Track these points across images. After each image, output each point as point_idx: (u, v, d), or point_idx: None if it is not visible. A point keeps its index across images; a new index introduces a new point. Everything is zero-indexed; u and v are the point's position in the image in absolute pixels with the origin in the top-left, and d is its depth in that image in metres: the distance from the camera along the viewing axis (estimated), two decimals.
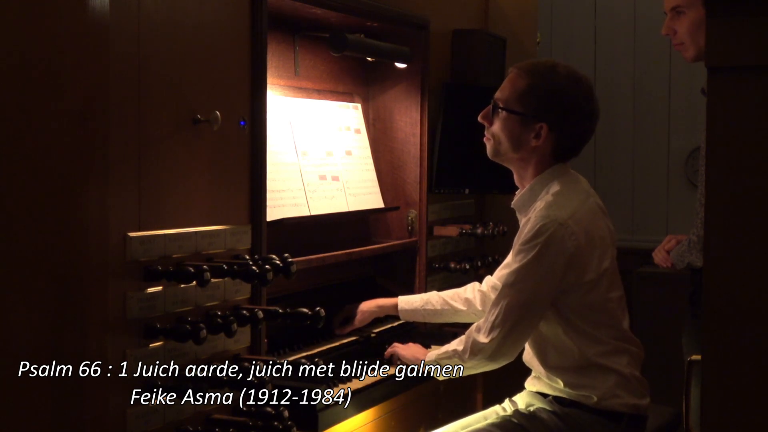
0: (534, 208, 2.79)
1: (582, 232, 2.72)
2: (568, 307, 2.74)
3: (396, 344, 3.10)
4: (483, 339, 2.74)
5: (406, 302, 3.25)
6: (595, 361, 2.75)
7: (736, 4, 1.61)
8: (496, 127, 2.86)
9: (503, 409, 2.98)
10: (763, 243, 1.62)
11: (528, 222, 2.76)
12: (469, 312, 3.20)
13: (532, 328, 2.75)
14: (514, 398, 2.98)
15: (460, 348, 2.80)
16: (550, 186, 2.81)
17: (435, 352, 2.92)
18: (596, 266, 2.74)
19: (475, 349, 2.76)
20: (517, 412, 2.87)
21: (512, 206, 2.90)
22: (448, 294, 3.24)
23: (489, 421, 2.88)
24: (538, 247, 2.68)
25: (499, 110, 2.85)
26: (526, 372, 2.94)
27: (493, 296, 2.94)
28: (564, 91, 2.80)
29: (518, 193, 2.89)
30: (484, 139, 2.92)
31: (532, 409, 2.84)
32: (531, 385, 2.90)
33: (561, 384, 2.79)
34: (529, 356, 2.89)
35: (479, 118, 2.91)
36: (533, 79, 2.81)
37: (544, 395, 2.84)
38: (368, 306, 3.22)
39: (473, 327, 2.82)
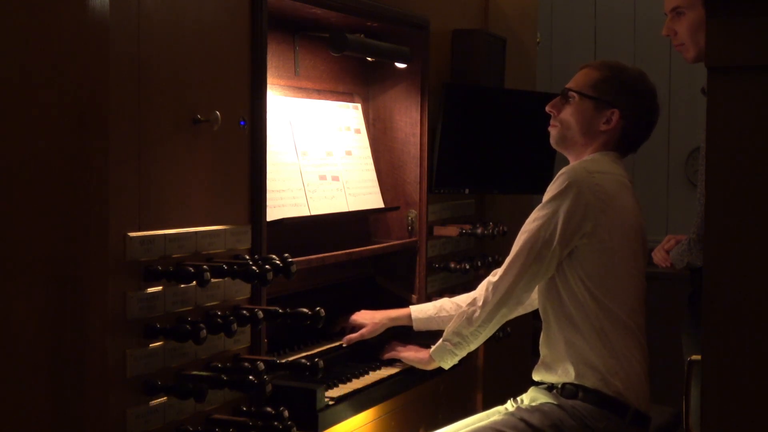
0: None
1: (606, 188, 2.81)
2: (585, 270, 2.79)
3: (394, 345, 3.10)
4: (495, 278, 2.84)
5: (420, 311, 3.23)
6: (607, 334, 2.76)
7: (736, 5, 1.61)
8: (567, 112, 2.98)
9: (506, 409, 2.98)
10: (763, 243, 1.62)
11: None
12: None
13: (546, 269, 2.81)
14: (519, 398, 2.98)
15: (475, 297, 2.88)
16: (594, 155, 2.94)
17: (443, 335, 2.93)
18: (616, 228, 2.80)
19: (488, 292, 2.84)
20: (519, 408, 2.87)
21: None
22: (461, 298, 3.23)
23: (491, 419, 2.88)
24: (563, 185, 2.79)
25: (572, 95, 2.97)
26: (529, 371, 2.93)
27: None
28: (636, 83, 2.97)
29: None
30: (550, 127, 3.03)
31: (535, 403, 2.84)
32: (537, 374, 2.90)
33: (570, 363, 2.78)
34: (543, 335, 2.89)
35: (547, 109, 3.02)
36: (606, 70, 2.98)
37: (549, 389, 2.84)
38: (380, 319, 3.19)
39: (490, 274, 2.91)
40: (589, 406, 2.75)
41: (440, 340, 2.94)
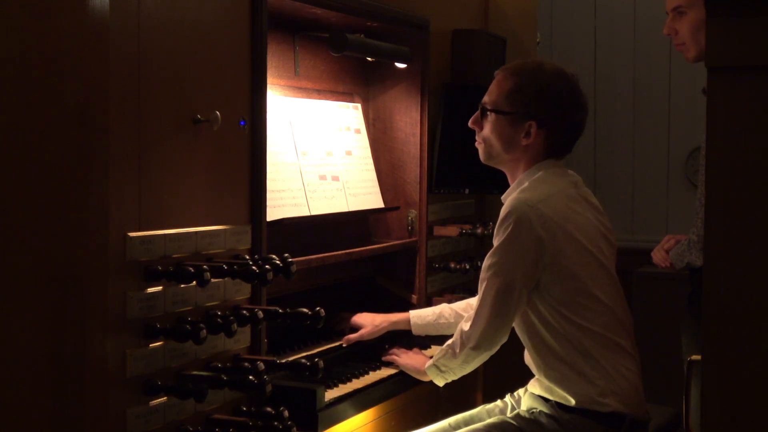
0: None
1: (554, 215, 2.73)
2: (554, 296, 2.74)
3: (395, 351, 3.10)
4: (466, 327, 2.80)
5: (418, 317, 3.23)
6: (589, 352, 2.73)
7: (736, 4, 1.61)
8: (487, 130, 2.90)
9: (506, 404, 2.98)
10: (763, 243, 1.62)
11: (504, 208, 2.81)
12: None
13: (514, 311, 2.76)
14: (516, 393, 2.98)
15: (452, 342, 2.85)
16: (534, 176, 2.85)
17: (433, 357, 2.93)
18: (576, 250, 2.74)
19: (462, 339, 2.81)
20: (518, 415, 2.86)
21: (501, 199, 2.94)
22: (460, 305, 3.23)
23: (488, 422, 2.87)
24: (510, 227, 2.72)
25: (488, 113, 2.88)
26: (526, 369, 2.93)
27: None
28: (550, 87, 2.83)
29: (508, 190, 2.94)
30: (476, 144, 2.96)
31: (534, 412, 2.84)
32: (533, 387, 2.90)
33: (559, 387, 2.78)
34: (528, 358, 2.89)
35: (470, 124, 2.96)
36: (519, 78, 2.86)
37: (546, 399, 2.83)
38: (380, 321, 3.19)
39: (463, 319, 2.87)
40: (585, 421, 2.74)
41: (432, 361, 2.93)
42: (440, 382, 2.95)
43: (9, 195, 2.18)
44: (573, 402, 2.75)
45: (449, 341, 2.88)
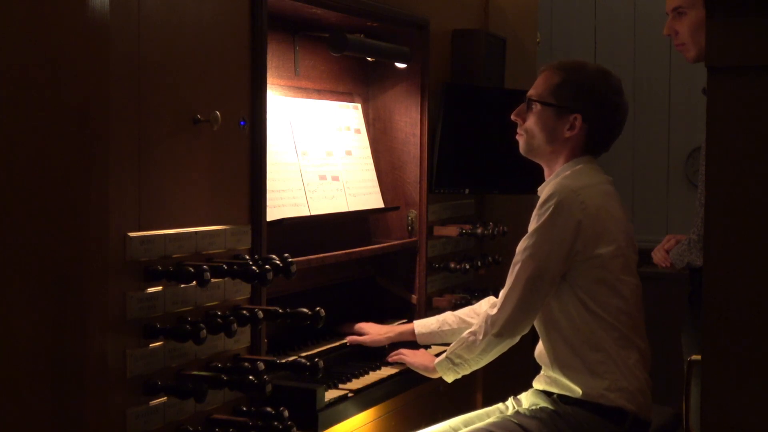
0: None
1: (593, 204, 2.79)
2: (579, 285, 2.77)
3: (402, 350, 3.09)
4: (494, 311, 2.81)
5: (423, 326, 3.24)
6: (604, 346, 2.75)
7: (736, 4, 1.61)
8: (530, 122, 2.95)
9: (506, 407, 2.98)
10: (763, 243, 1.62)
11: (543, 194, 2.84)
12: None
13: (544, 297, 2.78)
14: (519, 397, 2.98)
15: (475, 329, 2.85)
16: (574, 168, 2.90)
17: (447, 350, 2.92)
18: (609, 241, 2.79)
19: (487, 325, 2.81)
20: (518, 413, 2.87)
21: (538, 192, 2.95)
22: (464, 312, 3.24)
23: (488, 420, 2.88)
24: (550, 210, 2.76)
25: (533, 104, 2.94)
26: (529, 371, 2.93)
27: None
28: (596, 84, 2.92)
29: (545, 182, 2.96)
30: (517, 136, 3.00)
31: (534, 408, 2.84)
32: (537, 383, 2.90)
33: (567, 378, 2.78)
34: (539, 350, 2.89)
35: (512, 116, 3.00)
36: (566, 73, 2.93)
37: (548, 393, 2.83)
38: (385, 331, 3.20)
39: (489, 305, 2.89)
40: (587, 414, 2.75)
41: (444, 355, 2.93)
42: (450, 378, 2.95)
43: (9, 195, 2.18)
44: (579, 393, 2.76)
45: (470, 329, 2.88)
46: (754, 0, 1.59)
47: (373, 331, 3.17)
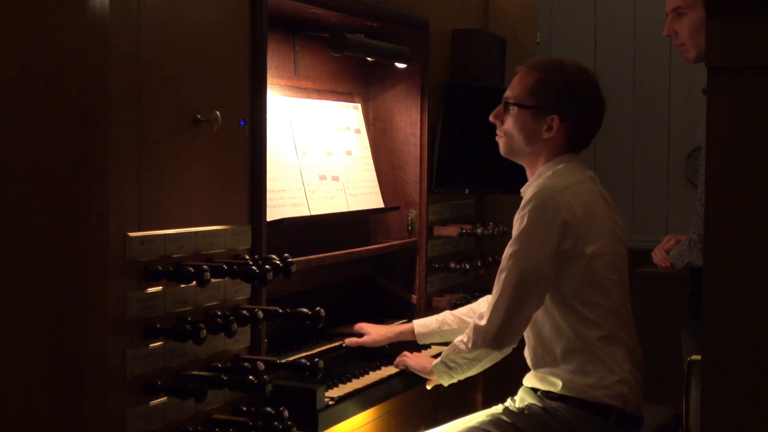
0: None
1: (578, 203, 2.75)
2: (564, 286, 2.74)
3: (405, 353, 3.09)
4: (482, 322, 2.75)
5: (422, 326, 3.22)
6: (589, 346, 2.74)
7: (736, 4, 1.61)
8: (508, 124, 2.92)
9: (505, 408, 2.98)
10: (763, 243, 1.62)
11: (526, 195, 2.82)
12: None
13: (535, 304, 2.74)
14: (516, 396, 2.98)
15: (465, 339, 2.81)
16: (556, 167, 2.87)
17: (442, 354, 2.92)
18: (593, 240, 2.75)
19: (476, 336, 2.76)
20: (507, 410, 2.87)
21: (520, 192, 2.92)
22: (463, 311, 3.23)
23: (481, 419, 2.88)
24: (533, 211, 2.72)
25: (511, 107, 2.90)
26: (526, 369, 2.93)
27: None
28: (573, 82, 2.88)
29: (528, 182, 2.94)
30: (497, 137, 2.98)
31: (523, 405, 2.85)
32: (527, 380, 2.90)
33: (554, 376, 2.78)
34: (526, 351, 2.89)
35: (491, 118, 2.97)
36: (542, 73, 2.89)
37: (534, 390, 2.84)
38: (385, 331, 3.19)
39: (477, 315, 2.85)
40: (572, 409, 2.75)
41: (440, 358, 2.92)
42: (446, 382, 2.94)
43: (9, 195, 2.18)
44: (559, 387, 2.76)
45: (460, 336, 2.84)
46: (754, 0, 1.59)
47: (372, 331, 3.17)
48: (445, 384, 2.96)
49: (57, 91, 2.14)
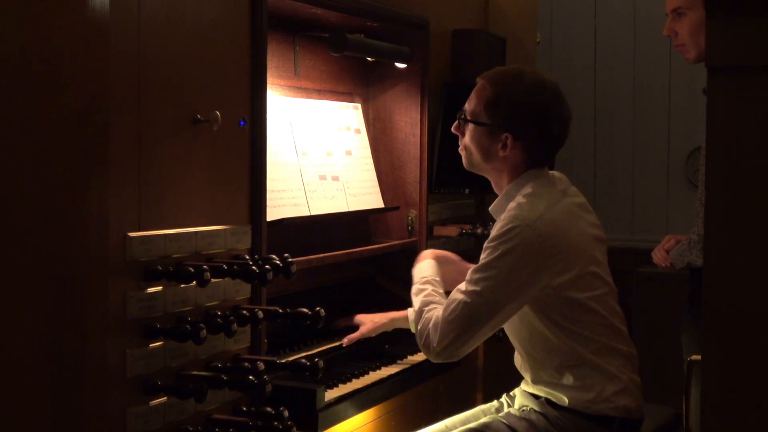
0: (507, 209, 2.76)
1: (552, 233, 2.67)
2: (549, 307, 2.70)
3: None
4: (434, 338, 2.66)
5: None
6: (585, 360, 2.72)
7: (736, 4, 1.61)
8: (467, 138, 2.86)
9: (501, 404, 2.98)
10: (763, 243, 1.62)
11: (499, 222, 2.74)
12: None
13: (486, 333, 2.69)
14: (513, 393, 2.98)
15: (432, 324, 2.70)
16: (523, 188, 2.78)
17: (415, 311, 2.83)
18: (570, 267, 2.69)
19: (426, 342, 2.69)
20: (509, 414, 2.86)
21: (489, 211, 2.89)
22: None
23: (481, 421, 2.87)
24: (504, 246, 2.64)
25: (467, 122, 2.85)
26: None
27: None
28: (527, 99, 2.77)
29: (496, 201, 2.88)
30: (459, 150, 2.92)
31: (524, 410, 2.84)
32: (525, 385, 2.90)
33: (552, 390, 2.78)
34: (519, 362, 2.88)
35: (452, 130, 2.92)
36: (497, 88, 2.80)
37: (536, 396, 2.83)
38: (380, 319, 3.17)
39: (434, 316, 2.70)
40: (574, 417, 2.74)
41: (414, 311, 2.82)
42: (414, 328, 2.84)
43: (9, 195, 2.18)
44: (566, 402, 2.75)
45: (434, 315, 2.71)
46: (754, 0, 1.59)
47: (367, 320, 3.15)
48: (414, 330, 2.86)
49: (57, 91, 2.14)
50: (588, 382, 2.72)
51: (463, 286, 2.68)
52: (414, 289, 2.89)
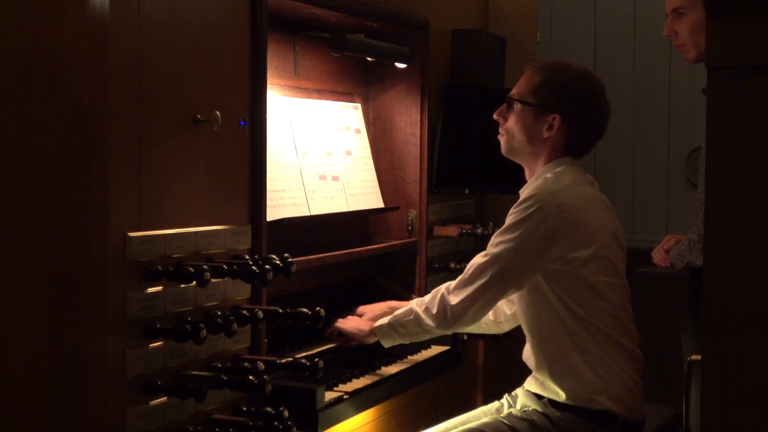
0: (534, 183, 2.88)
1: (571, 205, 2.77)
2: (562, 288, 2.76)
3: (339, 320, 3.09)
4: (454, 300, 2.79)
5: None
6: (589, 349, 2.74)
7: (736, 4, 1.61)
8: (511, 121, 2.95)
9: (501, 404, 2.98)
10: (763, 243, 1.62)
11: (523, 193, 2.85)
12: (495, 322, 3.17)
13: (500, 297, 2.82)
14: (514, 393, 2.98)
15: (432, 309, 2.83)
16: (555, 169, 2.88)
17: (389, 317, 2.93)
18: (587, 243, 2.76)
19: (441, 308, 2.80)
20: (510, 414, 2.87)
21: (519, 193, 2.93)
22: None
23: (482, 421, 2.87)
24: (528, 211, 2.75)
25: (514, 104, 2.93)
26: (526, 369, 2.93)
27: (514, 301, 2.94)
28: (577, 85, 2.90)
29: (527, 183, 2.95)
30: (498, 136, 3.00)
31: (526, 410, 2.84)
32: (529, 384, 2.90)
33: (555, 382, 2.78)
34: (527, 352, 2.89)
35: (495, 116, 3.00)
36: (547, 73, 2.92)
37: (539, 396, 2.83)
38: (380, 307, 3.17)
39: (444, 286, 2.85)
40: (576, 418, 2.75)
41: (387, 321, 2.92)
42: (387, 344, 2.95)
43: (9, 195, 2.18)
44: (563, 397, 2.76)
45: (424, 304, 2.86)
46: (754, 0, 1.59)
47: (367, 309, 3.14)
48: (386, 346, 2.96)
49: (57, 91, 2.14)
50: (591, 373, 2.74)
51: (488, 248, 2.81)
52: (402, 312, 2.93)
